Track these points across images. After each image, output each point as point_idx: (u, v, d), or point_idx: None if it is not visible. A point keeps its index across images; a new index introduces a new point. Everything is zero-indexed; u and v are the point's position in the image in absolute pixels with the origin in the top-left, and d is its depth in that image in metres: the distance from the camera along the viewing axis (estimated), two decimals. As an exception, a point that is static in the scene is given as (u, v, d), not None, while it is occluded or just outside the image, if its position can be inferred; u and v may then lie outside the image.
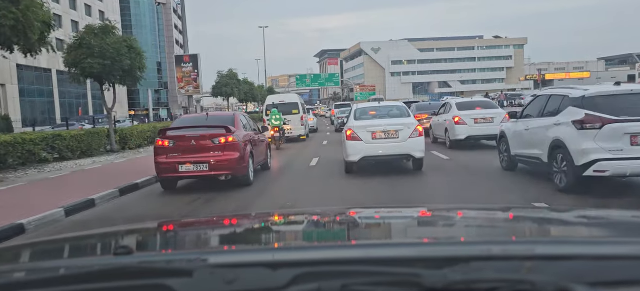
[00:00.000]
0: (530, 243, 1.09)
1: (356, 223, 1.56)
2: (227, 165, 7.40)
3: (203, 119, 8.82)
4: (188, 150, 7.43)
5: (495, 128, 11.13)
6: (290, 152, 14.04)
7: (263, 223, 1.63)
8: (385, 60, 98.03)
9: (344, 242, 1.29)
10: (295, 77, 67.89)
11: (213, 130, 7.64)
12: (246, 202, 6.76)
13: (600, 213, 1.71)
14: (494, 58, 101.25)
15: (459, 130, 11.48)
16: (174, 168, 7.42)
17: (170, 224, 1.80)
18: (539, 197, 5.87)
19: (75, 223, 6.05)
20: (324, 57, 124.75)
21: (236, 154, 7.46)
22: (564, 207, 2.33)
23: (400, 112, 8.92)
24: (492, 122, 11.37)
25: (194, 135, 7.56)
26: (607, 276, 0.84)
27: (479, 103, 13.06)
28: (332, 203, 6.52)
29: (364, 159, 8.23)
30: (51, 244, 1.41)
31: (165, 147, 7.57)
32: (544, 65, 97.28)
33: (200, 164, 7.35)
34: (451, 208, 1.94)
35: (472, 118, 11.50)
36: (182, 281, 0.84)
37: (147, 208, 6.91)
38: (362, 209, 2.54)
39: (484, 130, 11.40)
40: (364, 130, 8.22)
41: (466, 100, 13.86)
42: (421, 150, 8.21)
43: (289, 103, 18.00)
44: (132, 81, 15.28)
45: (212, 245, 1.37)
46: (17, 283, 0.94)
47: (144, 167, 10.46)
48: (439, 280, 0.80)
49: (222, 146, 7.44)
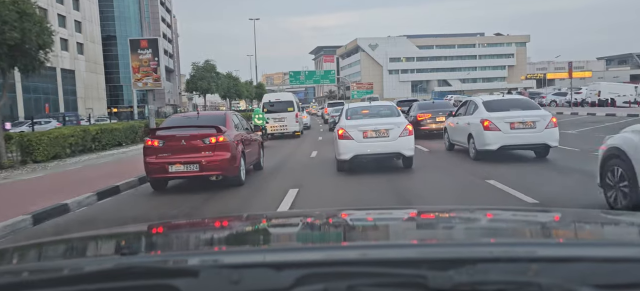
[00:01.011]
0: (537, 245, 1.10)
1: (362, 223, 1.59)
2: (218, 165, 7.45)
3: (193, 118, 8.77)
4: (178, 150, 7.46)
5: (539, 135, 9.05)
6: (289, 146, 15.33)
7: (269, 224, 1.66)
8: (383, 57, 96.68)
9: (348, 243, 1.30)
10: (289, 73, 64.19)
11: (203, 129, 7.64)
12: (243, 199, 7.11)
13: (606, 215, 1.71)
14: (495, 56, 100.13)
15: (489, 137, 9.31)
16: (164, 168, 7.45)
17: (176, 224, 1.86)
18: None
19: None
20: (319, 54, 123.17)
21: (227, 154, 7.52)
22: (569, 209, 2.11)
23: (390, 112, 9.34)
24: (534, 127, 9.27)
25: (184, 135, 7.59)
26: (614, 278, 0.85)
27: (515, 102, 10.36)
28: (336, 190, 7.39)
29: (355, 157, 8.54)
30: (56, 244, 1.41)
31: (154, 146, 7.55)
32: (543, 65, 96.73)
33: (191, 164, 7.39)
34: (456, 209, 2.01)
35: (507, 122, 9.36)
36: (187, 281, 0.86)
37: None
38: (368, 210, 2.61)
39: (524, 138, 9.29)
40: (356, 129, 8.54)
41: (496, 97, 10.82)
42: (411, 149, 8.66)
43: (285, 101, 19.41)
44: (27, 63, 10.89)
45: (218, 245, 1.39)
46: (23, 282, 0.94)
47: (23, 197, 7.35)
48: (445, 282, 0.82)
49: (213, 146, 7.47)
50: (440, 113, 15.41)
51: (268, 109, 18.87)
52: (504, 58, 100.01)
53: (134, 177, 8.72)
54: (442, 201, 6.54)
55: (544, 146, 9.35)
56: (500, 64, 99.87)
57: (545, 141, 9.19)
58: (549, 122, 9.20)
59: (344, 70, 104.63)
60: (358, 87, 77.69)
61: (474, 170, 8.58)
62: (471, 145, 9.91)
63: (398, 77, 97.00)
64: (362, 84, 79.95)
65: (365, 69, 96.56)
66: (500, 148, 9.19)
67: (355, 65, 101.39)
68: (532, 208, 3.57)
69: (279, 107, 18.99)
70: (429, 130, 15.54)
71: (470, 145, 9.95)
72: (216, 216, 3.25)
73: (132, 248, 1.08)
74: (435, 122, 15.47)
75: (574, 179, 7.48)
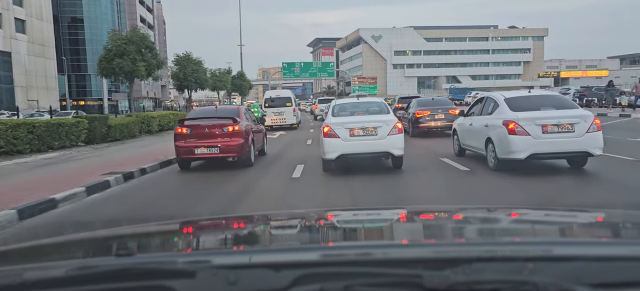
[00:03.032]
0: (532, 244, 1.14)
1: (358, 224, 1.68)
2: (234, 148, 9.59)
3: (213, 111, 11.01)
4: (202, 136, 9.61)
5: (579, 140, 7.55)
6: (288, 136, 18.51)
7: (266, 224, 1.72)
8: (387, 50, 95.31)
9: (346, 243, 1.38)
10: (281, 64, 60.16)
11: (222, 120, 9.81)
12: (254, 175, 9.08)
13: (602, 213, 1.76)
14: (510, 50, 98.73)
15: (516, 143, 7.71)
16: (191, 150, 9.57)
17: (172, 225, 1.90)
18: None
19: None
20: (317, 46, 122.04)
21: (241, 140, 9.66)
22: (565, 208, 2.31)
23: (379, 109, 9.42)
24: (573, 130, 7.67)
25: (207, 124, 9.72)
26: (609, 277, 0.89)
27: (545, 99, 8.79)
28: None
29: (341, 157, 8.50)
30: (53, 245, 1.45)
31: (183, 133, 9.67)
32: (555, 63, 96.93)
33: (212, 147, 9.52)
34: (453, 209, 2.11)
35: (538, 124, 7.75)
36: (184, 283, 0.90)
37: None
38: (364, 210, 2.82)
39: (560, 144, 7.68)
40: (342, 126, 8.53)
41: (520, 94, 8.94)
42: (400, 148, 8.54)
43: (284, 97, 24.19)
44: None
45: (215, 246, 1.45)
46: (19, 283, 0.97)
47: None
48: (441, 281, 0.86)
49: (230, 133, 9.61)
50: (440, 110, 15.75)
51: (269, 104, 23.50)
52: (519, 53, 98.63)
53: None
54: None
55: (584, 154, 7.77)
56: (516, 59, 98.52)
57: (586, 148, 7.55)
58: (591, 123, 7.58)
59: (344, 63, 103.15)
60: (360, 81, 75.12)
61: (497, 183, 7.21)
62: (490, 152, 8.33)
63: (403, 72, 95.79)
64: (364, 78, 77.78)
65: (367, 62, 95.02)
66: (529, 157, 7.61)
67: (356, 58, 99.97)
68: (527, 207, 3.62)
69: (278, 102, 23.48)
70: (428, 127, 15.73)
71: (489, 152, 8.36)
72: (215, 216, 3.57)
73: (128, 249, 1.14)
74: (433, 119, 15.70)
75: (631, 198, 6.04)
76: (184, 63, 35.65)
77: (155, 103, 73.66)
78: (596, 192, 6.70)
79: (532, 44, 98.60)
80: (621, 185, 7.07)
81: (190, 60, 36.51)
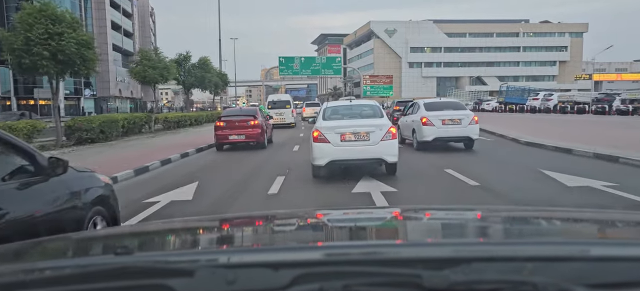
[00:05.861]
0: (531, 244, 1.36)
1: (358, 223, 2.01)
2: (254, 136, 17.62)
3: (239, 111, 20.35)
4: (234, 127, 17.65)
5: (464, 129, 14.88)
6: (287, 132, 28.16)
7: (264, 223, 2.06)
8: (402, 46, 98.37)
9: (345, 242, 1.65)
10: (278, 59, 61.46)
11: (246, 117, 17.98)
12: (267, 154, 16.57)
13: (601, 214, 2.25)
14: (543, 48, 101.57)
15: (426, 131, 14.78)
16: (226, 137, 17.67)
17: (171, 224, 2.37)
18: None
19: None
20: (323, 43, 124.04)
21: (259, 130, 17.67)
22: (564, 208, 3.35)
23: (373, 112, 10.53)
24: (460, 123, 14.80)
25: (236, 120, 17.90)
26: (608, 277, 1.07)
27: (448, 104, 16.27)
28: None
29: (331, 163, 9.56)
30: (52, 243, 1.76)
31: (221, 126, 17.75)
32: (583, 65, 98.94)
33: (240, 135, 17.53)
34: (452, 209, 2.58)
35: (439, 119, 14.91)
36: (183, 281, 1.07)
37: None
38: (363, 209, 3.42)
39: (453, 132, 14.94)
40: (333, 131, 9.48)
41: (433, 100, 16.89)
42: (394, 154, 9.61)
43: (284, 100, 35.11)
44: None
45: (213, 244, 1.81)
46: (18, 282, 1.17)
47: None
48: (441, 281, 1.02)
49: (252, 126, 17.59)
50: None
51: (271, 106, 33.49)
52: (554, 51, 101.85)
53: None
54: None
55: (467, 138, 14.87)
56: (550, 58, 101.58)
57: (468, 134, 14.69)
58: (471, 119, 14.71)
59: (353, 61, 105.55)
60: (372, 81, 75.74)
61: (433, 162, 13.01)
62: (414, 138, 15.48)
63: (420, 72, 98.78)
64: (377, 77, 77.93)
65: (379, 59, 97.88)
66: (434, 140, 14.67)
67: (366, 55, 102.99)
68: (526, 207, 4.25)
69: (279, 104, 34.07)
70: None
71: (414, 138, 15.51)
72: (213, 216, 4.02)
73: (127, 247, 1.28)
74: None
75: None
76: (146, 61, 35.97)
77: (136, 106, 75.43)
78: (472, 159, 13.36)
79: (569, 40, 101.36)
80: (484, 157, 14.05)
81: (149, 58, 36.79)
